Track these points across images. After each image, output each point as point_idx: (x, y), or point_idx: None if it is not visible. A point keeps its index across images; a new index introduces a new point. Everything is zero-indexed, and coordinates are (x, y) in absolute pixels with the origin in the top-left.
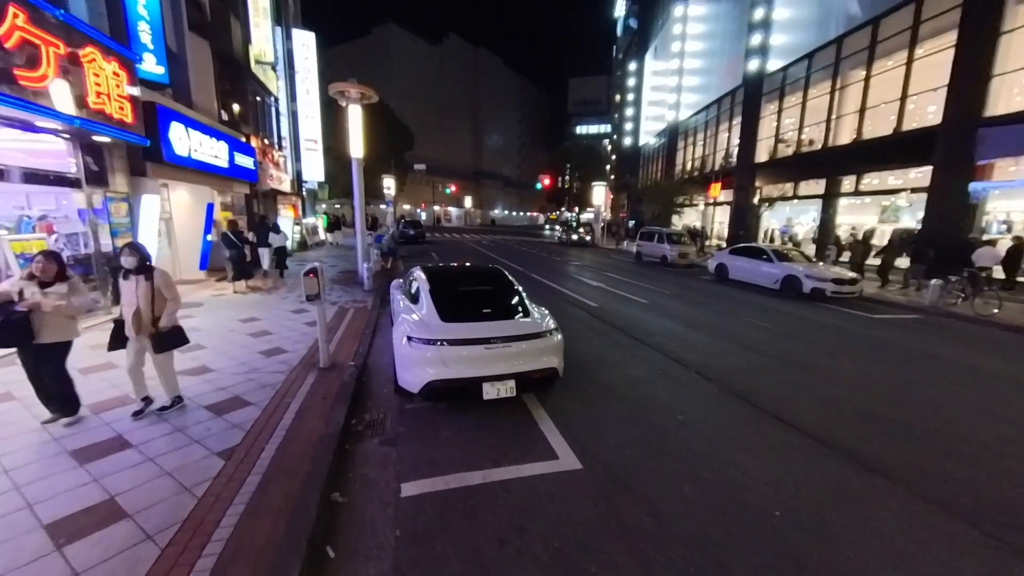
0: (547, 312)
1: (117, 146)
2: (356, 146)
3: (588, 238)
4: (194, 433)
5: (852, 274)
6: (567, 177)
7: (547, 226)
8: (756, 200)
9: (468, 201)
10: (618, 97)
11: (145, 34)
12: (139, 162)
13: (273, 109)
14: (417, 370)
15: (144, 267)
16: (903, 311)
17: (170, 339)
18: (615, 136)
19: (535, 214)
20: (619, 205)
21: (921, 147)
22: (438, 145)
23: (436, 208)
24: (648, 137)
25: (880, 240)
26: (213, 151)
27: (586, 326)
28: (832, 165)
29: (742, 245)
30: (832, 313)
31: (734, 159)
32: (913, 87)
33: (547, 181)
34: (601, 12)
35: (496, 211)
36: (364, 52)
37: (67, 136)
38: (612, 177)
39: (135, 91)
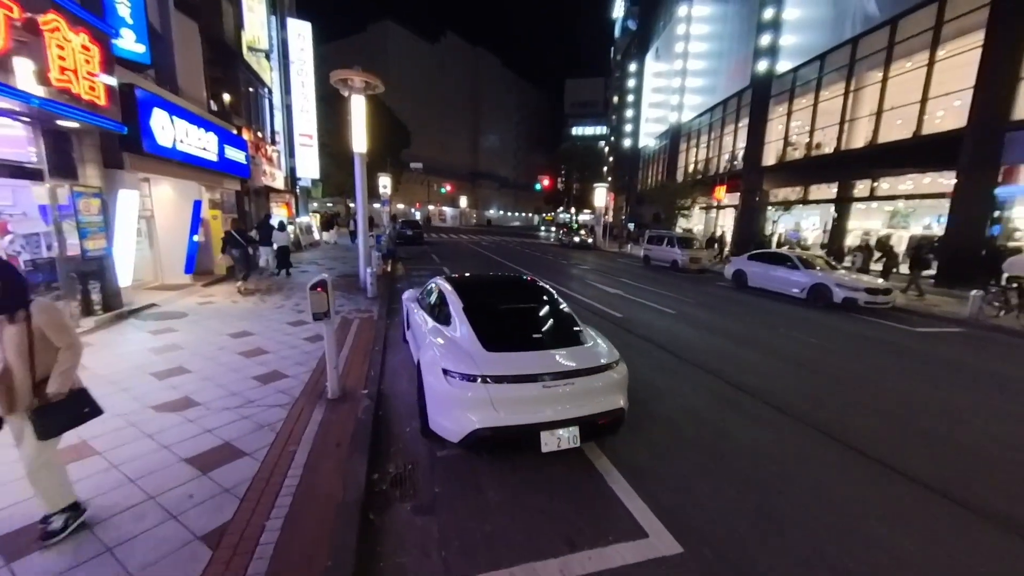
0: (602, 336)
1: (88, 133)
2: (359, 140)
3: (590, 240)
4: (171, 502)
5: (884, 283)
6: (563, 178)
7: (543, 227)
8: (771, 204)
9: (463, 201)
10: (616, 99)
11: (123, 6)
12: (115, 153)
13: (267, 101)
14: (458, 414)
15: (13, 300)
16: (942, 323)
17: (65, 415)
18: (613, 138)
19: (530, 214)
20: (617, 207)
21: (943, 151)
22: (434, 144)
23: (431, 207)
24: (648, 139)
25: (898, 246)
26: (201, 143)
27: (620, 342)
28: (845, 169)
29: (762, 251)
30: (872, 326)
31: (740, 162)
32: (935, 89)
33: (547, 182)
34: (600, 13)
35: (491, 211)
36: (360, 49)
37: (26, 119)
38: (610, 179)
39: (109, 72)
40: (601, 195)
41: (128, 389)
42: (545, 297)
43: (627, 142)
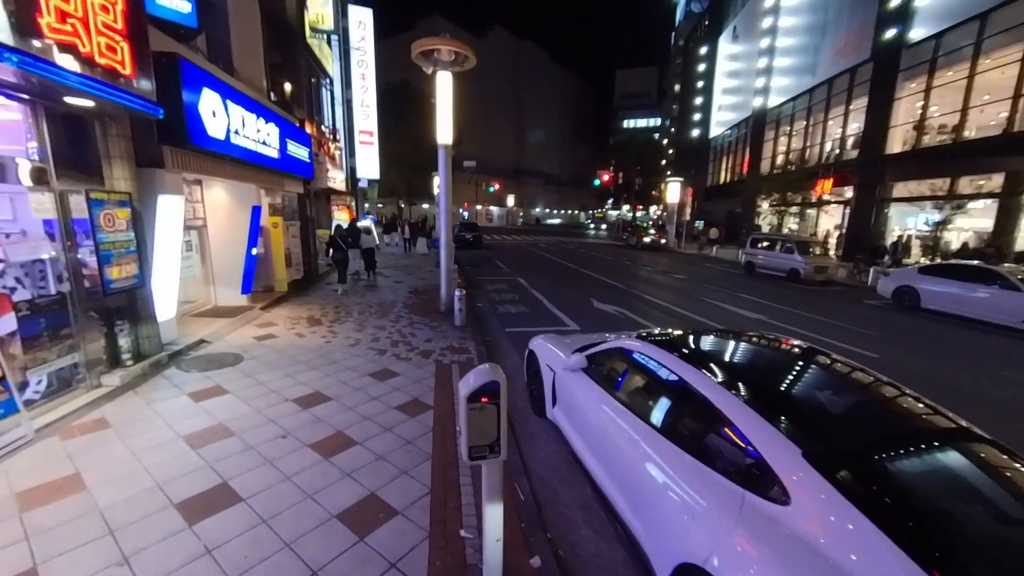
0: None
1: (116, 120)
2: (445, 128)
3: (663, 240)
4: None
5: None
6: (613, 172)
7: (592, 224)
8: (894, 199)
9: (510, 200)
10: (678, 87)
11: None
12: (152, 147)
13: (327, 93)
14: None
15: None
16: None
17: None
18: (672, 129)
19: (575, 212)
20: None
21: None
22: (480, 142)
23: (478, 207)
24: (720, 128)
25: None
26: (260, 135)
27: None
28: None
29: (947, 264)
30: None
31: (851, 150)
32: None
33: (606, 177)
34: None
35: (537, 209)
36: (409, 47)
37: (19, 94)
38: (669, 172)
39: (139, 31)
40: (675, 190)
41: (136, 538)
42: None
43: (694, 132)
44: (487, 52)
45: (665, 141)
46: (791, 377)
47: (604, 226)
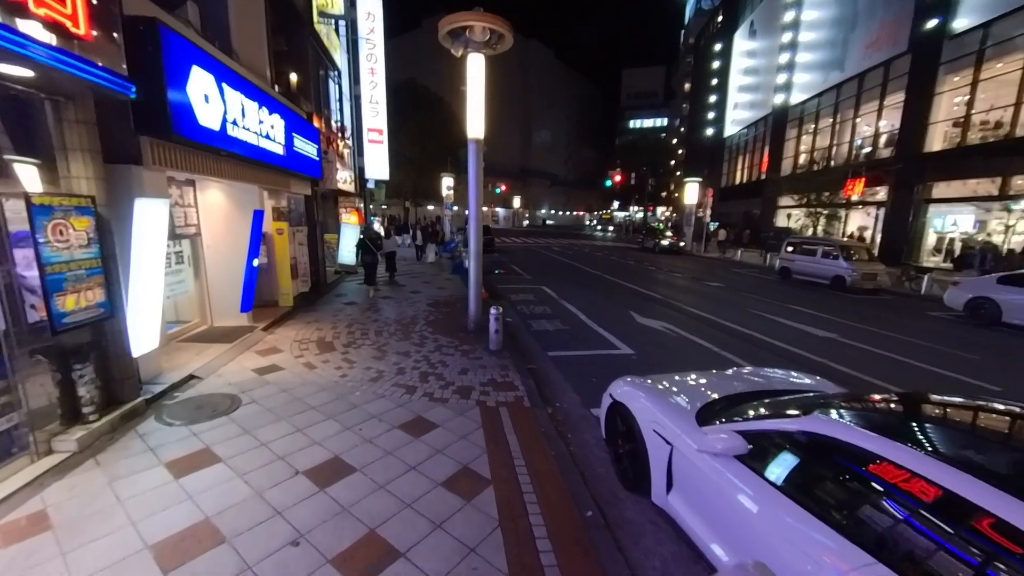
0: None
1: (74, 101)
2: (476, 120)
3: (682, 244)
4: None
5: None
6: (629, 173)
7: (599, 226)
8: (933, 200)
9: (517, 201)
10: (687, 86)
11: None
12: (126, 137)
13: (335, 87)
14: None
15: None
16: None
17: None
18: (682, 128)
19: (580, 213)
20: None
21: None
22: (488, 142)
23: (484, 209)
24: (735, 127)
25: None
26: (264, 127)
27: None
28: None
29: None
30: None
31: (884, 149)
32: None
33: (618, 177)
34: None
35: (543, 211)
36: (414, 46)
37: None
38: (678, 173)
39: None
40: (693, 191)
41: None
42: None
43: (707, 131)
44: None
45: (675, 141)
46: None
47: (611, 228)
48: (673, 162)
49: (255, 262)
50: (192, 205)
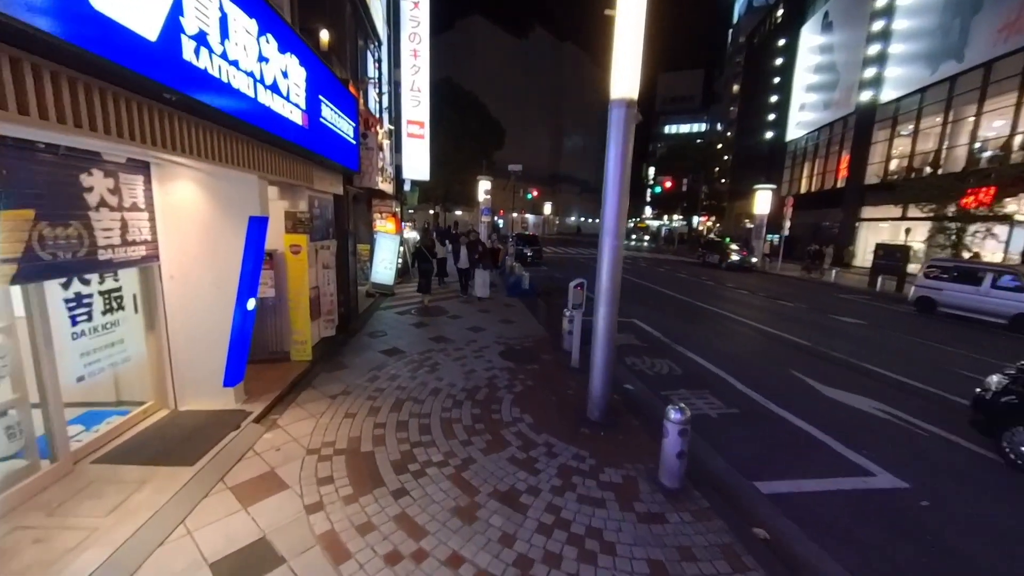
0: None
1: None
2: (631, 70)
3: (754, 260)
4: None
5: None
6: (655, 180)
7: (632, 235)
8: None
9: (547, 207)
10: (736, 88)
11: None
12: None
13: (374, 64)
14: None
15: None
16: None
17: None
18: (729, 133)
19: None
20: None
21: None
22: (519, 146)
23: (513, 215)
24: (801, 130)
25: None
26: (269, 72)
27: None
28: None
29: None
30: None
31: (1019, 151)
32: None
33: (668, 184)
34: None
35: (572, 218)
36: (448, 47)
37: None
38: (723, 180)
39: None
40: (765, 199)
41: None
42: None
43: (765, 135)
44: (526, 54)
45: (719, 146)
46: None
47: (647, 237)
48: (717, 169)
49: (250, 303)
50: (142, 208)
